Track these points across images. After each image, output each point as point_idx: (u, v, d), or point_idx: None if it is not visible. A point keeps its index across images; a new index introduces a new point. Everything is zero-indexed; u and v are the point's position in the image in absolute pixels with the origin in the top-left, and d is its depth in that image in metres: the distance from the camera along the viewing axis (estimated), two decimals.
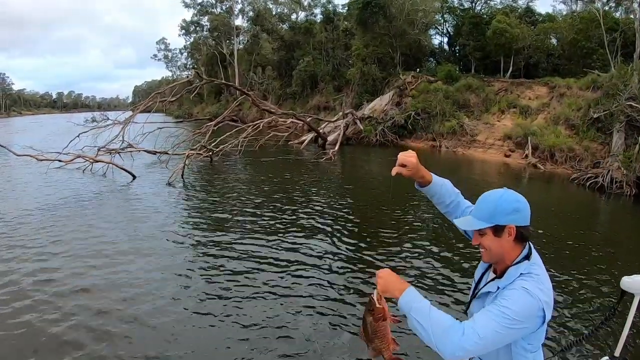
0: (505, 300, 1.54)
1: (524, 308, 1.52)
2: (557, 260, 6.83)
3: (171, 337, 4.51)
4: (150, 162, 16.63)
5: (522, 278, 1.62)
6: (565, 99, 19.33)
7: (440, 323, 1.51)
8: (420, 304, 1.56)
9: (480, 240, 1.72)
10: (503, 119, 20.98)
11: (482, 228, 1.69)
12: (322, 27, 38.12)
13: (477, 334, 1.48)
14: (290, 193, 11.59)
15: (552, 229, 8.70)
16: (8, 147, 14.52)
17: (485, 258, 1.77)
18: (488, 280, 1.81)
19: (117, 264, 6.37)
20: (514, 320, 1.51)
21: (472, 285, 1.93)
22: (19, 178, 13.62)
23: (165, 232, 8.05)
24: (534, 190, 13.86)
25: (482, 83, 23.67)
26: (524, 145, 18.10)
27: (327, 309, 5.14)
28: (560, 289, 5.75)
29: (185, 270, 6.21)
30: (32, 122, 56.42)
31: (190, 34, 57.91)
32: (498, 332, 1.50)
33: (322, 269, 6.31)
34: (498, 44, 24.79)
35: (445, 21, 32.28)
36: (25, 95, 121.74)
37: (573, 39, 23.03)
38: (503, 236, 1.68)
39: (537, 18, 29.36)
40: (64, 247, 7.10)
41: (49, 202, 10.27)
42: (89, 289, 5.52)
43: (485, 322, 1.51)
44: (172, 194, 11.68)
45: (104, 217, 9.09)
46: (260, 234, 7.94)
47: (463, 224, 1.78)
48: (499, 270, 1.76)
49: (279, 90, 41.34)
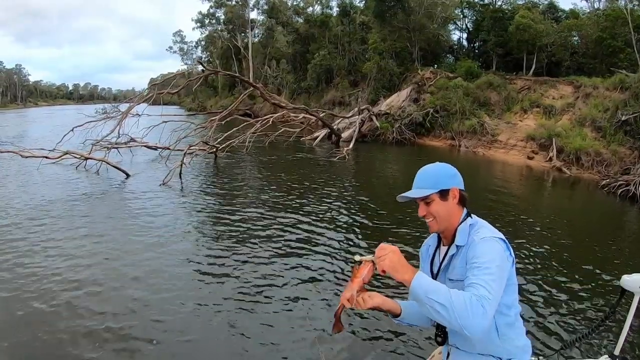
0: (477, 259, 1.63)
1: (495, 252, 1.64)
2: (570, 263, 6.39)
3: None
4: (152, 157, 16.01)
5: (474, 231, 1.76)
6: (591, 100, 18.47)
7: (460, 300, 1.48)
8: (436, 285, 1.55)
9: (428, 209, 1.81)
10: (525, 118, 20.16)
11: (429, 194, 1.79)
12: (338, 20, 37.46)
13: (487, 297, 1.50)
14: (298, 198, 10.48)
15: (576, 237, 8.11)
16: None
17: (433, 227, 1.85)
18: (444, 253, 1.89)
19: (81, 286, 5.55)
20: (497, 267, 1.60)
21: (423, 267, 2.00)
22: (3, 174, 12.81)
23: (144, 244, 7.08)
24: (558, 196, 13.21)
25: (503, 80, 22.76)
26: (548, 147, 17.25)
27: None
28: (562, 289, 5.75)
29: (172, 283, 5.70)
30: (46, 113, 56.80)
31: (205, 27, 57.65)
32: (495, 282, 1.56)
33: (330, 281, 5.76)
34: (521, 40, 23.87)
35: (465, 16, 31.37)
36: (41, 87, 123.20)
37: (598, 37, 22.08)
38: (449, 199, 1.82)
39: (560, 15, 28.45)
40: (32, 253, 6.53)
41: (27, 204, 9.42)
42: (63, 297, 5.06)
43: (482, 282, 1.54)
44: (164, 196, 10.56)
45: (77, 228, 7.88)
46: (259, 245, 7.13)
47: (412, 194, 1.83)
48: (448, 236, 1.87)
49: (294, 85, 40.78)
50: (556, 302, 5.40)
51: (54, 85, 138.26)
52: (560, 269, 6.43)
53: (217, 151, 16.11)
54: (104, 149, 13.90)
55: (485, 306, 1.47)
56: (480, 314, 1.45)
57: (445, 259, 1.86)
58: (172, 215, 8.98)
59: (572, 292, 5.71)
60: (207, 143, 15.90)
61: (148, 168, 14.37)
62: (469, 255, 1.69)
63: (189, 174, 13.29)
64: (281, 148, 19.26)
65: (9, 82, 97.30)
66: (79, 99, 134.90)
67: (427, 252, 2.04)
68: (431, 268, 1.95)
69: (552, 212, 10.64)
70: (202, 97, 57.13)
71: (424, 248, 2.07)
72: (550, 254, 7.07)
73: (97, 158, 13.29)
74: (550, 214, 10.36)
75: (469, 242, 1.74)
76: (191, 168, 13.98)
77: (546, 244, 7.56)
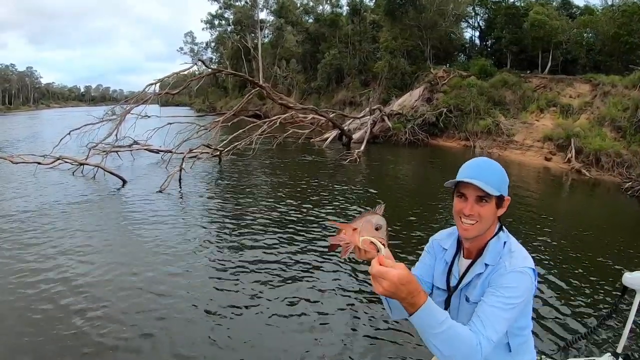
0: (504, 291, 1.49)
1: (523, 287, 1.51)
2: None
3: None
4: (154, 161, 15.42)
5: (507, 253, 1.59)
6: (609, 98, 17.91)
7: (463, 346, 1.34)
8: (439, 328, 1.31)
9: (478, 209, 1.58)
10: (542, 118, 19.63)
11: (492, 195, 1.56)
12: (348, 19, 37.22)
13: (491, 339, 1.41)
14: (305, 208, 9.69)
15: (598, 243, 7.68)
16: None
17: (470, 232, 1.61)
18: (466, 266, 1.68)
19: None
20: (520, 304, 1.50)
21: (434, 280, 1.79)
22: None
23: (131, 257, 6.58)
24: (578, 200, 12.77)
25: (518, 79, 22.22)
26: (566, 148, 16.71)
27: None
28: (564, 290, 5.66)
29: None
30: (57, 115, 57.09)
31: (215, 28, 57.62)
32: (507, 319, 1.47)
33: (344, 295, 5.43)
34: (536, 37, 23.35)
35: (477, 14, 30.91)
36: (53, 89, 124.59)
37: (615, 34, 21.45)
38: (501, 208, 1.64)
39: (574, 11, 27.87)
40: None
41: (17, 211, 9.00)
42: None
43: (494, 319, 1.44)
44: (160, 205, 9.77)
45: (58, 238, 7.34)
46: (261, 256, 6.69)
47: (479, 184, 1.54)
48: (474, 248, 1.67)
49: (304, 85, 40.58)
50: (560, 300, 5.30)
51: (66, 87, 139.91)
52: (576, 272, 6.18)
53: (221, 154, 15.48)
54: (103, 152, 13.14)
55: (483, 350, 1.38)
56: (477, 356, 1.37)
57: (467, 275, 1.66)
58: (166, 225, 8.29)
59: (581, 292, 5.64)
60: (209, 146, 15.23)
61: (148, 173, 13.75)
62: (495, 280, 1.54)
63: (190, 179, 12.66)
64: (290, 150, 18.90)
65: (20, 84, 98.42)
66: (91, 100, 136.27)
67: (441, 256, 1.80)
68: (447, 279, 1.75)
69: (571, 216, 10.24)
70: (213, 98, 57.15)
71: (438, 248, 1.82)
72: (566, 258, 6.75)
73: (91, 163, 12.50)
74: (569, 218, 9.97)
75: (499, 266, 1.56)
76: (193, 173, 13.40)
77: (565, 250, 7.21)
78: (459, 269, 1.71)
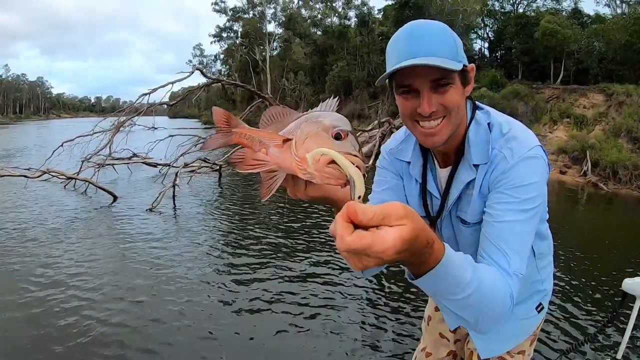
0: (518, 190, 1.06)
1: (541, 178, 1.10)
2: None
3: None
4: (152, 175, 14.62)
5: (500, 137, 1.13)
6: (624, 108, 17.57)
7: (493, 306, 0.92)
8: (463, 292, 0.84)
9: (442, 100, 1.06)
10: (556, 129, 19.24)
11: (455, 71, 1.03)
12: (356, 31, 37.16)
13: (520, 274, 1.01)
14: (309, 230, 8.90)
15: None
16: None
17: (441, 135, 1.11)
18: (447, 177, 1.22)
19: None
20: (540, 204, 1.10)
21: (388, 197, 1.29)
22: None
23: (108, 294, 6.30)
24: (595, 214, 12.27)
25: (530, 90, 21.88)
26: (582, 161, 16.32)
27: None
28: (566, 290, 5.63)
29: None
30: (66, 125, 57.23)
31: (224, 40, 57.98)
32: (529, 234, 1.08)
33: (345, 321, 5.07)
34: (548, 47, 23.02)
35: (486, 25, 30.70)
36: (64, 99, 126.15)
37: (627, 42, 21.10)
38: (468, 85, 1.13)
39: (585, 20, 27.56)
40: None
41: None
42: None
43: (516, 240, 1.03)
44: (149, 224, 8.79)
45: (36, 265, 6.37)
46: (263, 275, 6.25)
47: (431, 60, 1.00)
48: (451, 149, 1.20)
49: (312, 97, 40.47)
50: (561, 306, 5.17)
51: (77, 98, 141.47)
52: (590, 283, 5.73)
53: (221, 169, 14.48)
54: (97, 165, 12.30)
55: (515, 296, 0.99)
56: (507, 311, 0.97)
57: (451, 190, 1.21)
58: (154, 245, 7.47)
59: (587, 300, 5.46)
60: (206, 160, 14.45)
61: (144, 188, 12.90)
62: (498, 182, 1.11)
63: (185, 196, 11.78)
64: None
65: (31, 94, 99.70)
66: (101, 111, 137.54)
67: (408, 175, 1.31)
68: (425, 207, 1.29)
69: (586, 231, 9.77)
70: None
71: (398, 163, 1.33)
72: (576, 271, 6.33)
73: (80, 178, 11.68)
74: (583, 232, 9.51)
75: (496, 159, 1.12)
76: (190, 189, 12.62)
77: (576, 263, 6.81)
78: (438, 185, 1.27)
